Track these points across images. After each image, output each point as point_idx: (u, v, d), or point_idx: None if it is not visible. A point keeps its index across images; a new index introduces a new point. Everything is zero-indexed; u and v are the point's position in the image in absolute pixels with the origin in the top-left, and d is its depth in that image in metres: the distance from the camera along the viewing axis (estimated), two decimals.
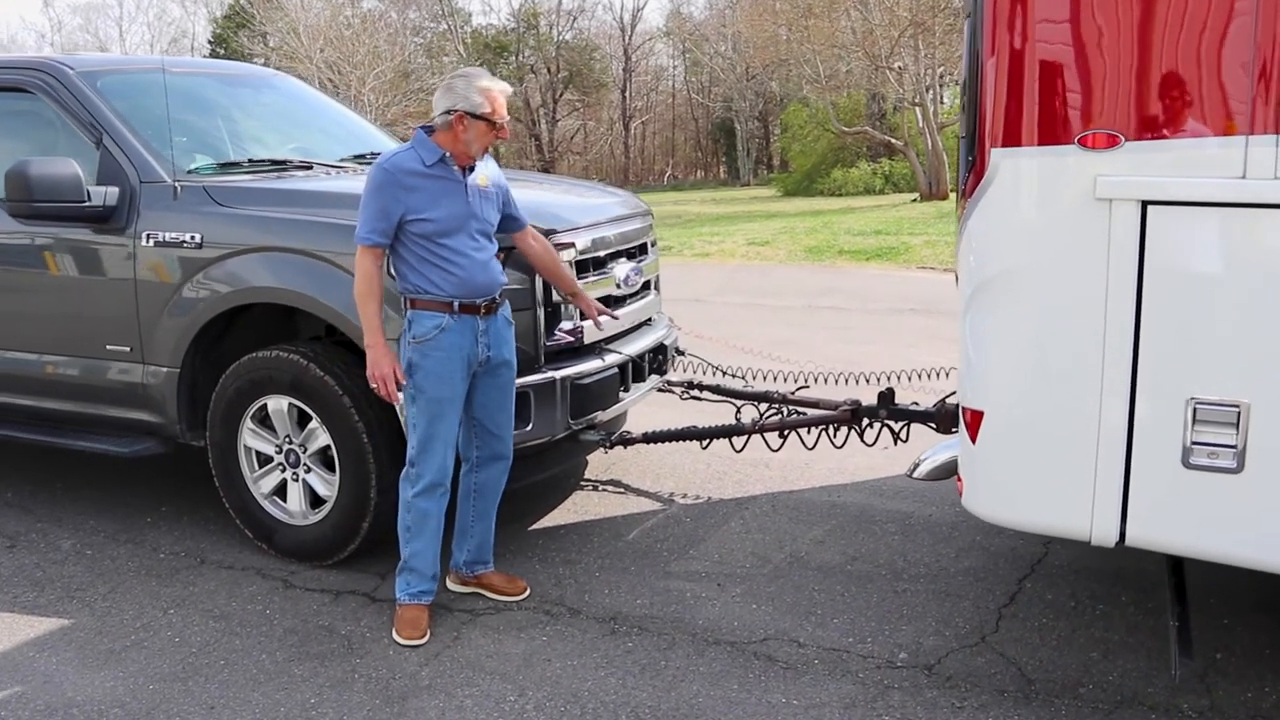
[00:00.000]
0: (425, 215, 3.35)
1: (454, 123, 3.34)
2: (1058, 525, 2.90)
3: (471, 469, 3.72)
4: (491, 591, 3.84)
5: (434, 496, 3.52)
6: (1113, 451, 2.74)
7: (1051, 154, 2.71)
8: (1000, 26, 2.74)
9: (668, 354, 4.84)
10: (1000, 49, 2.76)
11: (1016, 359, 2.88)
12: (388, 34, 35.51)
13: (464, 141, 3.37)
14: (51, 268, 4.35)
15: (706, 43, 45.35)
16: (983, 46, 2.80)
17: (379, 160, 3.44)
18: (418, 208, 3.34)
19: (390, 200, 3.33)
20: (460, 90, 3.35)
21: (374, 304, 3.36)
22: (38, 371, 4.46)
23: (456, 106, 3.33)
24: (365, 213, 3.35)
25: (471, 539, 3.81)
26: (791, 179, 33.37)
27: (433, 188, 3.37)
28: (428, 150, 3.40)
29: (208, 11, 49.37)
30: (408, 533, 3.56)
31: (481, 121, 3.36)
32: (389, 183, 3.34)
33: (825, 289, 11.26)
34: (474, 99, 3.33)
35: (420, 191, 3.35)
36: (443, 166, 3.40)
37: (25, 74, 4.44)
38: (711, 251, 15.25)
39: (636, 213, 4.85)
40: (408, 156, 3.39)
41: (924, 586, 3.83)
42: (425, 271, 3.39)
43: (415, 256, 3.39)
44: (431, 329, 3.40)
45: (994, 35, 2.76)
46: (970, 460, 3.03)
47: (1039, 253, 2.79)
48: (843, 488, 4.87)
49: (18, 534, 4.56)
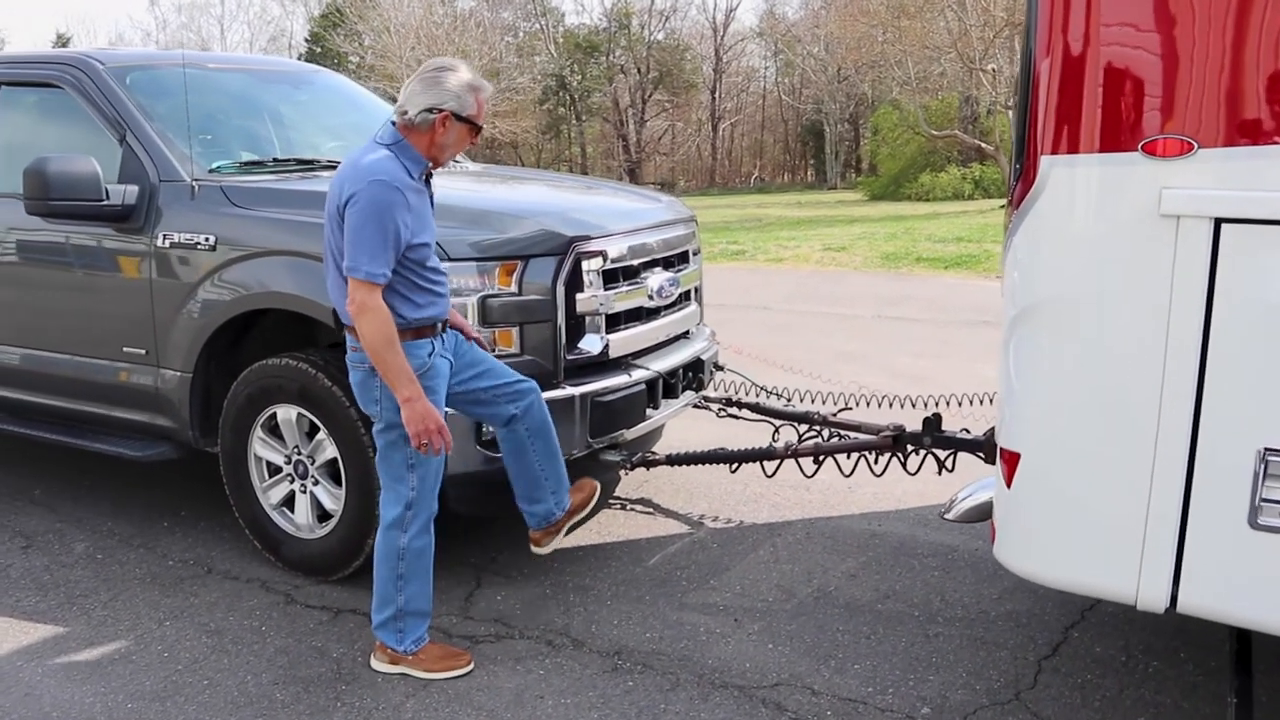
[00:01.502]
0: (422, 239, 3.00)
1: (436, 123, 2.97)
2: (1099, 585, 2.57)
3: (517, 420, 3.43)
4: (580, 512, 3.71)
5: (429, 529, 3.25)
6: (1167, 505, 2.40)
7: (1109, 162, 2.38)
8: (1056, 14, 2.42)
9: (705, 369, 4.58)
10: (1055, 39, 2.44)
11: (1060, 395, 2.54)
12: (478, 33, 35.82)
13: (440, 145, 3.02)
14: (71, 267, 4.29)
15: (799, 44, 44.74)
16: (1036, 37, 2.48)
17: (369, 173, 2.88)
18: (416, 230, 2.95)
19: (401, 224, 2.89)
20: (450, 86, 2.96)
21: (399, 348, 2.94)
22: (58, 370, 4.41)
23: (444, 105, 2.96)
24: (373, 241, 2.85)
25: (549, 479, 3.56)
26: (878, 183, 32.68)
27: (420, 205, 3.00)
28: (412, 159, 2.98)
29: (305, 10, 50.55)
30: (400, 581, 3.20)
31: (465, 124, 3.03)
32: (395, 202, 2.88)
33: (898, 298, 10.84)
34: (466, 99, 2.99)
35: (415, 211, 2.95)
36: (421, 178, 3.06)
37: (56, 69, 4.39)
38: (785, 257, 14.89)
39: (677, 219, 4.60)
40: (396, 168, 2.93)
41: (959, 631, 3.51)
42: (415, 298, 3.03)
43: (407, 284, 3.00)
44: (425, 358, 3.09)
45: (1049, 24, 2.45)
46: (1004, 506, 2.72)
47: (1091, 276, 2.45)
48: (885, 515, 4.56)
49: (35, 534, 4.51)
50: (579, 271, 3.77)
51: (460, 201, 3.84)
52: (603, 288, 3.87)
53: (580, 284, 3.78)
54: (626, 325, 4.05)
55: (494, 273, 3.61)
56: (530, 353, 3.69)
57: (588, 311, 3.83)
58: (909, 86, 28.42)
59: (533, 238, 3.70)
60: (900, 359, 7.79)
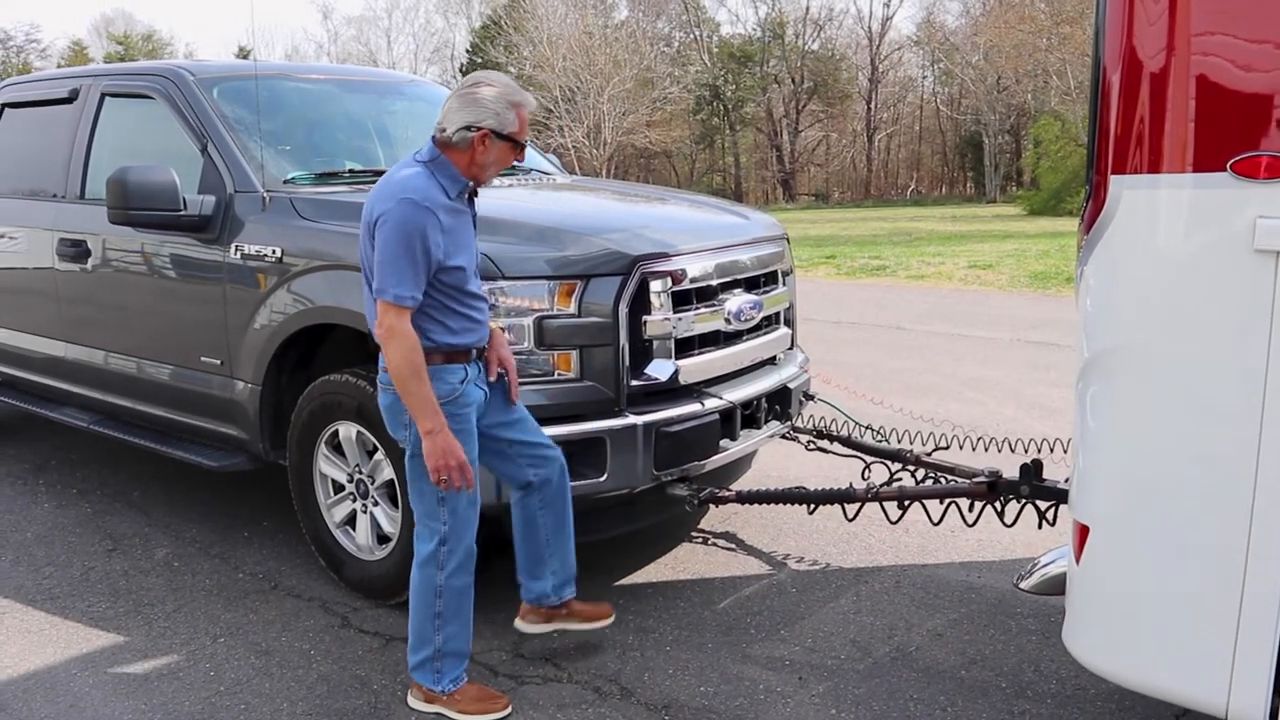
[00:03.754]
0: (456, 261, 2.85)
1: (475, 141, 2.84)
2: (1178, 691, 2.17)
3: (531, 490, 3.26)
4: (578, 620, 3.45)
5: (467, 568, 3.08)
6: (1264, 598, 2.01)
7: (1191, 184, 2.03)
8: (1127, 7, 2.07)
9: (792, 399, 4.28)
10: (1125, 38, 2.08)
11: (1135, 460, 2.17)
12: (630, 43, 36.04)
13: (480, 164, 2.88)
14: (155, 275, 4.33)
15: (957, 52, 43.33)
16: (1105, 43, 2.13)
17: (400, 190, 2.76)
18: (451, 252, 2.83)
19: (432, 245, 2.76)
20: (489, 103, 2.82)
21: (424, 377, 2.80)
22: (144, 376, 4.47)
23: (483, 123, 2.82)
24: (400, 263, 2.72)
25: (554, 558, 3.37)
26: (1038, 197, 31.14)
27: (457, 226, 2.87)
28: (450, 178, 2.85)
29: (467, 23, 52.04)
30: (438, 619, 3.05)
31: (506, 142, 2.87)
32: (425, 222, 2.74)
33: (1041, 321, 10.18)
34: (506, 116, 2.84)
35: (450, 233, 2.83)
36: (461, 198, 2.92)
37: (150, 80, 4.47)
38: (928, 274, 14.27)
39: (765, 237, 4.32)
40: (432, 187, 2.80)
41: (1049, 711, 3.11)
42: (449, 322, 2.90)
43: (440, 308, 2.87)
44: (456, 385, 2.93)
45: (1122, 26, 2.09)
46: (1074, 585, 2.35)
47: (1169, 319, 2.09)
48: (987, 566, 4.16)
49: (122, 537, 4.58)
50: (645, 292, 3.55)
51: (518, 215, 3.69)
52: (673, 310, 3.64)
53: (647, 305, 3.56)
54: (701, 350, 3.81)
55: (553, 293, 3.42)
56: (590, 378, 3.49)
57: (656, 335, 3.60)
58: (1070, 96, 27.06)
59: (595, 256, 3.50)
60: (1033, 388, 7.25)
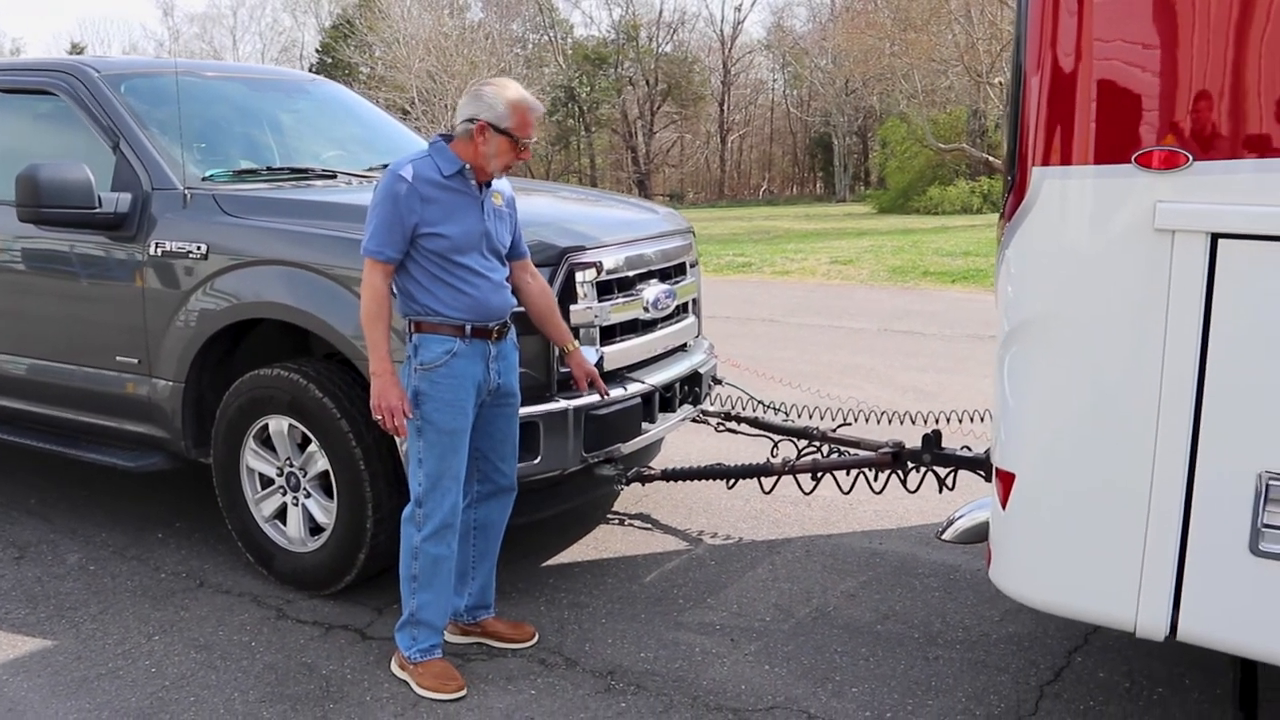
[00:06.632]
0: (439, 230, 3.08)
1: (474, 133, 3.07)
2: (1095, 611, 2.50)
3: (471, 504, 3.44)
4: (495, 639, 3.56)
5: (445, 539, 3.22)
6: (1165, 530, 2.34)
7: (1102, 174, 2.33)
8: (1046, 19, 2.38)
9: (703, 383, 4.53)
10: (1044, 45, 2.39)
11: (1055, 416, 2.49)
12: (487, 45, 35.89)
13: (483, 155, 3.10)
14: (64, 275, 4.25)
15: (807, 56, 44.78)
16: (1026, 46, 2.44)
17: (393, 166, 3.13)
18: (432, 220, 3.06)
19: (405, 210, 3.03)
20: (487, 99, 3.07)
21: (383, 325, 3.07)
22: (52, 379, 4.37)
23: (479, 116, 3.06)
24: (375, 223, 3.06)
25: (474, 581, 3.53)
26: (887, 196, 32.62)
27: (449, 201, 3.10)
28: (446, 160, 3.12)
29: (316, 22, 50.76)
30: (414, 582, 3.23)
31: (504, 137, 3.08)
32: (404, 191, 3.03)
33: (903, 312, 10.78)
34: (499, 110, 3.06)
35: (436, 204, 3.07)
36: (460, 179, 3.13)
37: (51, 76, 4.37)
38: (792, 269, 14.84)
39: (674, 230, 4.55)
40: (425, 165, 3.11)
41: (959, 654, 3.44)
42: (436, 290, 3.11)
43: (425, 274, 3.11)
44: (442, 354, 3.12)
45: (1039, 30, 2.40)
46: (999, 528, 2.66)
47: (1084, 293, 2.40)
48: (887, 533, 4.49)
49: (29, 545, 4.47)
50: (572, 283, 3.72)
51: None
52: (597, 300, 3.82)
53: (574, 296, 3.73)
54: (622, 338, 4.00)
55: None
56: (523, 365, 3.63)
57: (581, 324, 3.77)
58: (916, 100, 28.41)
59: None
60: (905, 374, 7.73)
